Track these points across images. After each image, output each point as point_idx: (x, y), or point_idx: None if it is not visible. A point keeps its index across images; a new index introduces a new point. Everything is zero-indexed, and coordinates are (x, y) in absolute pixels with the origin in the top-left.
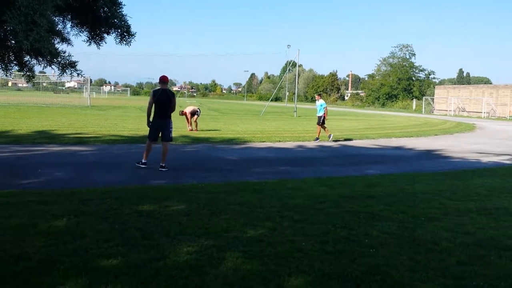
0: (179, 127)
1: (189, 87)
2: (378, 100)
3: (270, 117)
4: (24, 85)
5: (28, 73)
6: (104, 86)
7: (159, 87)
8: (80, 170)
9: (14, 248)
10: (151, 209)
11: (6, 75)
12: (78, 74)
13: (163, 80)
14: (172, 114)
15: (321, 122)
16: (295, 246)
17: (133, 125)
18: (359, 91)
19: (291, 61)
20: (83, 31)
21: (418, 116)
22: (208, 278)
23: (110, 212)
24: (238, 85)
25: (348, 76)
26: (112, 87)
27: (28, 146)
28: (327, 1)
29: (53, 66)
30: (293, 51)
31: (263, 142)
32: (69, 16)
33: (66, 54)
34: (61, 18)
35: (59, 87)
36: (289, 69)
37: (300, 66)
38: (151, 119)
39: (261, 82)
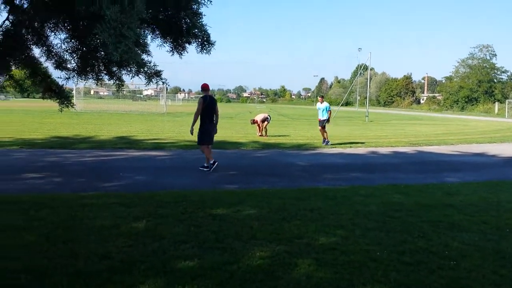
0: (249, 133)
1: (258, 93)
2: (457, 104)
3: (340, 122)
4: (105, 93)
5: (117, 82)
6: (178, 94)
7: (204, 94)
8: (157, 174)
9: (98, 248)
10: (224, 213)
11: (97, 84)
12: (163, 83)
13: (206, 87)
14: (243, 122)
15: (322, 124)
16: (369, 255)
17: None
18: (436, 94)
19: (362, 64)
20: (166, 42)
21: (501, 121)
22: (281, 283)
23: (186, 215)
24: (307, 90)
25: (423, 78)
26: (186, 94)
27: (110, 151)
28: (399, 1)
29: (140, 76)
30: (364, 54)
31: (333, 147)
32: (154, 28)
33: (152, 64)
34: (146, 31)
35: (137, 95)
36: (360, 73)
37: (371, 69)
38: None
39: (331, 86)
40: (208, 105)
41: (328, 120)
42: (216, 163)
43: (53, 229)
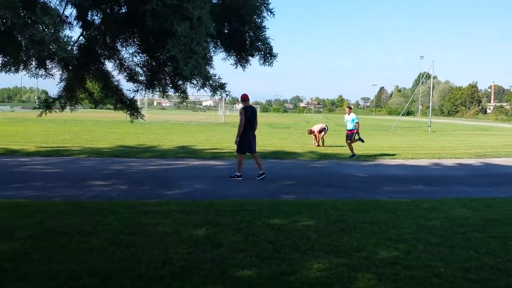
0: (305, 143)
1: (315, 102)
2: None
3: (401, 132)
4: (167, 104)
5: (181, 95)
6: (236, 104)
7: (245, 105)
8: (216, 183)
9: (160, 254)
10: (281, 223)
11: (163, 97)
12: (226, 95)
13: (246, 98)
14: (300, 132)
15: (351, 138)
16: (432, 271)
17: (263, 140)
18: (503, 104)
19: (424, 72)
20: (230, 56)
21: None
22: None
23: (243, 223)
24: (366, 99)
25: (490, 87)
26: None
27: (171, 160)
28: (463, 6)
29: (205, 88)
30: (426, 62)
31: (394, 158)
32: (218, 42)
33: (217, 77)
34: (212, 45)
35: (197, 106)
36: (422, 81)
37: (434, 77)
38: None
39: (391, 95)
40: (249, 116)
41: (357, 133)
42: (240, 178)
43: (118, 234)
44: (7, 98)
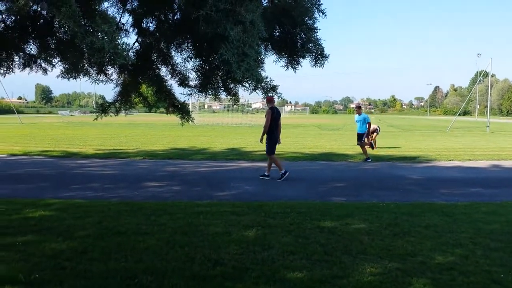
0: (356, 144)
1: (366, 103)
2: None
3: (457, 133)
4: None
5: (233, 98)
6: (285, 106)
7: (271, 106)
8: (266, 185)
9: (212, 254)
10: (332, 226)
11: (215, 100)
12: (278, 97)
13: (272, 99)
14: (350, 134)
15: (362, 140)
16: (491, 277)
17: (312, 142)
18: None
19: (482, 71)
20: (281, 58)
21: None
22: None
23: (293, 225)
24: (419, 99)
25: None
26: (292, 106)
27: (222, 162)
28: None
29: (257, 91)
30: (484, 60)
31: (450, 160)
32: (268, 45)
33: (268, 79)
34: (263, 48)
35: (247, 108)
36: (479, 80)
37: (492, 76)
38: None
39: (446, 95)
40: (276, 117)
41: (368, 134)
42: (286, 175)
43: (172, 234)
44: (66, 103)
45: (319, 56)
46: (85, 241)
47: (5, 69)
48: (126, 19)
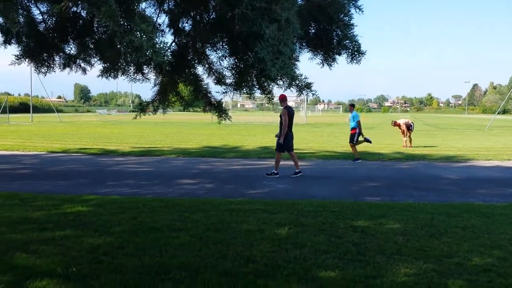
0: (391, 143)
1: (402, 101)
2: None
3: (497, 132)
4: (250, 105)
5: (268, 96)
6: (318, 105)
7: (285, 105)
8: (298, 183)
9: (244, 251)
10: (366, 225)
11: (249, 98)
12: (312, 94)
13: (285, 98)
14: (384, 132)
15: (354, 140)
16: None
17: (346, 141)
18: None
19: None
20: (317, 55)
21: None
22: None
23: (326, 224)
24: (457, 97)
25: None
26: (326, 105)
27: (254, 160)
28: None
29: (291, 89)
30: None
31: (488, 160)
32: (303, 42)
33: (303, 77)
34: (298, 45)
35: (279, 107)
36: None
37: None
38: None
39: (485, 93)
40: (291, 115)
41: (359, 133)
42: (278, 175)
43: (205, 230)
44: (104, 102)
45: (355, 53)
46: (121, 236)
47: (46, 68)
48: (162, 19)
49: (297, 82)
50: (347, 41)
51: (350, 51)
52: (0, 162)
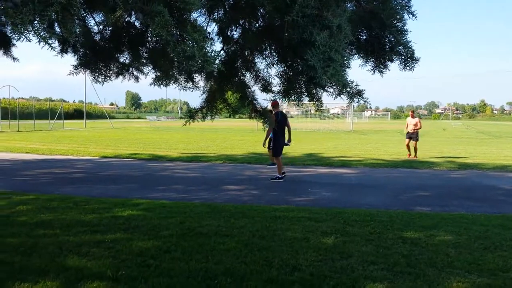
0: (441, 151)
1: (453, 108)
2: None
3: None
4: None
5: (317, 103)
6: (365, 111)
7: (276, 111)
8: (344, 191)
9: (290, 259)
10: (416, 237)
11: (297, 105)
12: (364, 102)
13: (276, 104)
14: (435, 140)
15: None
16: None
17: (394, 149)
18: None
19: None
20: (368, 61)
21: None
22: None
23: (374, 235)
24: None
25: None
26: (373, 111)
27: (299, 167)
28: None
29: (342, 96)
30: None
31: None
32: (354, 49)
33: (354, 84)
34: (349, 52)
35: (325, 114)
36: None
37: None
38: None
39: None
40: (280, 121)
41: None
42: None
43: (250, 237)
44: (154, 109)
45: (408, 59)
46: (169, 241)
47: (103, 77)
48: (212, 28)
49: (348, 89)
50: (400, 47)
51: (403, 57)
52: (56, 166)
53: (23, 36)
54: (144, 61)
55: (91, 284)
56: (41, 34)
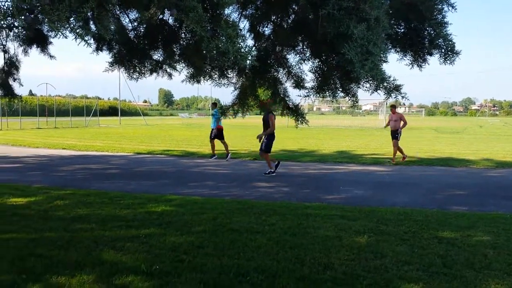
0: (479, 149)
1: (490, 105)
2: None
3: None
4: (326, 109)
5: (352, 98)
6: (398, 108)
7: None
8: (377, 190)
9: (322, 257)
10: (452, 237)
11: (332, 101)
12: (402, 97)
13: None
14: (472, 137)
15: (213, 137)
16: None
17: (429, 146)
18: None
19: None
20: (406, 55)
21: None
22: None
23: (408, 234)
24: None
25: None
26: (407, 108)
27: (331, 164)
28: None
29: (378, 91)
30: None
31: None
32: (389, 43)
33: (391, 79)
34: (387, 45)
35: (356, 110)
36: None
37: None
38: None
39: None
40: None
41: (216, 132)
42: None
43: (282, 234)
44: (186, 106)
45: (449, 53)
46: (201, 236)
47: (138, 74)
48: (243, 24)
49: (385, 84)
50: (439, 40)
51: (443, 51)
52: (92, 162)
53: (59, 33)
54: (178, 58)
55: (126, 278)
56: (77, 31)
